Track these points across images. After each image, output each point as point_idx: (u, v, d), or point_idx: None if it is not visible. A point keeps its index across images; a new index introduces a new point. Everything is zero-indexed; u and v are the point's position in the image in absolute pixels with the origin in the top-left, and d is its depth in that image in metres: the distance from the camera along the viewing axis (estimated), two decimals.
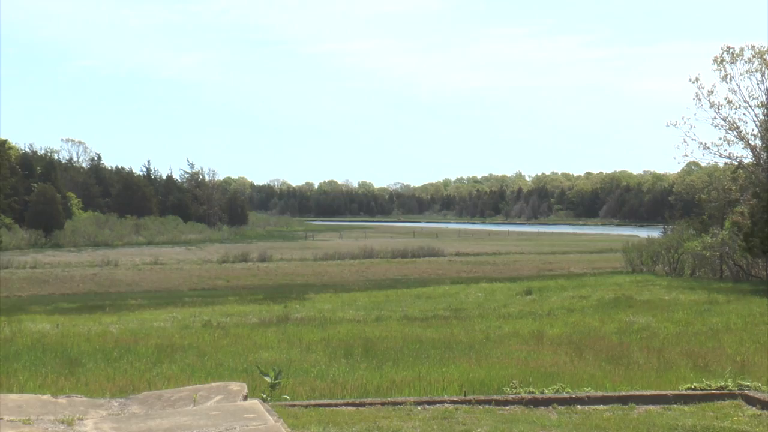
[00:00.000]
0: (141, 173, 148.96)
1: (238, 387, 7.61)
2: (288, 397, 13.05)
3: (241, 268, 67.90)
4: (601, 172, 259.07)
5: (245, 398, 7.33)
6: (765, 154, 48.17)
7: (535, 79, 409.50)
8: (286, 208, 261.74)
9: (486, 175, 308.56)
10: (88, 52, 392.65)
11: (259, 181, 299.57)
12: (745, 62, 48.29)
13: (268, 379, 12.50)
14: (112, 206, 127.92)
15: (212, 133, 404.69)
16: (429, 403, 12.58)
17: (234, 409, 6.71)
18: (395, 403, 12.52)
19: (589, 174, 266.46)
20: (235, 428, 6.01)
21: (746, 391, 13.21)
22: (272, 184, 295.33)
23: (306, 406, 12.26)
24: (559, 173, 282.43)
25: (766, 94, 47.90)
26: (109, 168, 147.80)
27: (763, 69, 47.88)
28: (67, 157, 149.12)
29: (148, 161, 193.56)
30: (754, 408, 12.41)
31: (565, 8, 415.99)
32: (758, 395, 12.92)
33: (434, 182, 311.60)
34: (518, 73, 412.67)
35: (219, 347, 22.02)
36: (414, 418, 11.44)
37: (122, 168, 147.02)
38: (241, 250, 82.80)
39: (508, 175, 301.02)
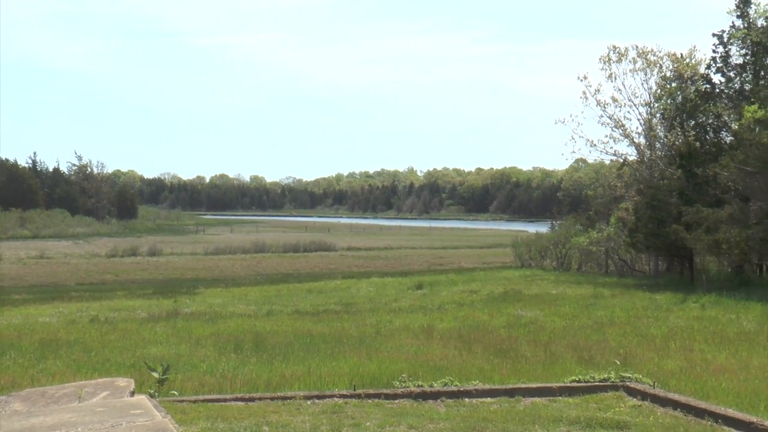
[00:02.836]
0: (26, 165, 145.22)
1: (125, 383, 7.52)
2: (176, 393, 12.92)
3: (130, 262, 66.80)
4: (491, 168, 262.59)
5: (132, 394, 7.24)
6: (648, 152, 49.47)
7: (426, 75, 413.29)
8: (177, 201, 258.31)
9: (378, 170, 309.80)
10: None
11: (149, 174, 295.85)
12: (630, 62, 49.54)
13: (155, 374, 12.37)
14: None
15: (101, 126, 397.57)
16: (319, 397, 12.60)
17: (121, 405, 6.63)
18: (285, 398, 12.51)
19: (479, 170, 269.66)
20: (121, 424, 5.93)
21: (628, 383, 13.59)
22: (163, 178, 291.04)
23: (194, 402, 12.17)
24: (451, 169, 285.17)
25: (649, 93, 49.18)
26: None
27: (646, 69, 49.14)
28: None
29: (34, 153, 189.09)
30: (634, 399, 12.77)
31: (456, 5, 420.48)
32: (639, 386, 13.31)
33: (326, 177, 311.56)
34: (410, 69, 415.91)
35: (106, 342, 21.66)
36: (303, 413, 11.45)
37: (6, 160, 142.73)
38: (130, 244, 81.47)
39: (400, 170, 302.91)
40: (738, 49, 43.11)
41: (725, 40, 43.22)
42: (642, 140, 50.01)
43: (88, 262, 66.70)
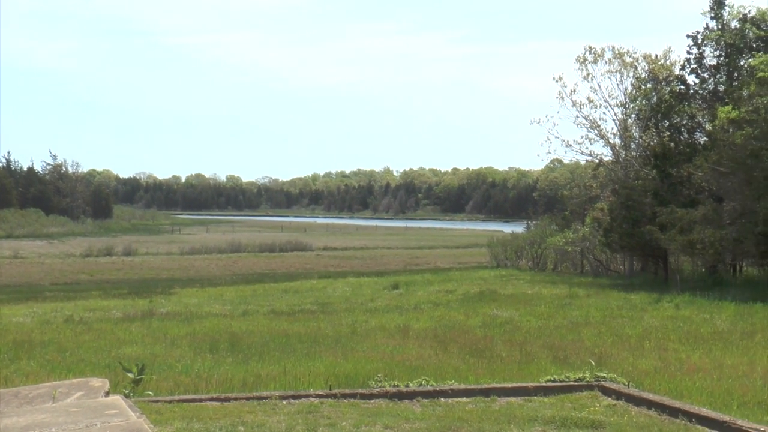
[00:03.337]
0: (0, 164, 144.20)
1: (99, 383, 7.49)
2: (151, 393, 12.88)
3: (105, 262, 66.47)
4: (467, 168, 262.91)
5: (107, 394, 7.21)
6: (623, 152, 49.70)
7: (403, 75, 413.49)
8: (152, 201, 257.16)
9: (354, 169, 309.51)
10: None
11: (125, 174, 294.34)
12: (606, 63, 49.77)
13: (130, 374, 12.34)
14: None
15: (76, 125, 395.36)
16: (294, 397, 12.59)
17: (95, 405, 6.60)
18: (260, 398, 12.49)
19: (455, 170, 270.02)
20: (96, 425, 5.91)
21: (603, 383, 13.66)
22: (138, 177, 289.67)
23: (170, 402, 12.13)
24: (427, 169, 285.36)
25: (624, 94, 49.42)
26: None
27: (622, 70, 49.38)
28: None
29: (8, 152, 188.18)
30: (609, 398, 12.83)
31: (432, 5, 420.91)
32: (614, 386, 13.38)
33: (303, 177, 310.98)
34: (387, 69, 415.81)
35: (81, 343, 21.56)
36: (279, 413, 11.44)
37: None
38: (105, 244, 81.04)
39: (377, 170, 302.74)
40: (712, 50, 43.42)
41: (699, 41, 43.51)
42: (617, 141, 50.26)
43: (63, 261, 66.32)
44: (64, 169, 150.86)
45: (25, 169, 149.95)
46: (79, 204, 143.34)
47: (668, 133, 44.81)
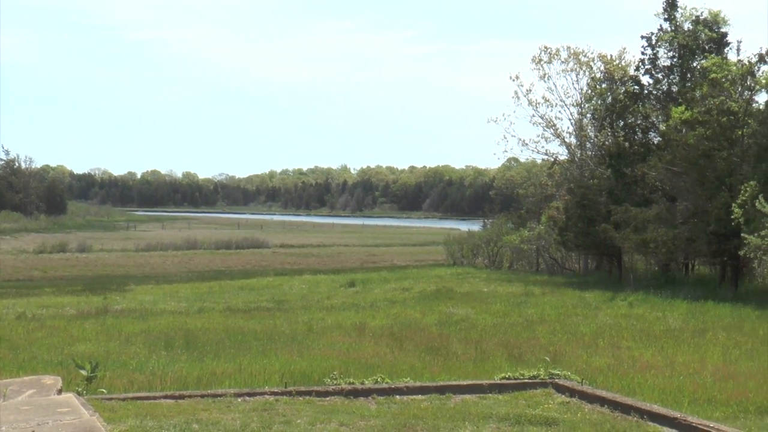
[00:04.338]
0: None
1: (52, 381, 7.44)
2: (105, 391, 12.80)
3: (59, 258, 65.78)
4: (424, 166, 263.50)
5: (60, 392, 7.16)
6: (579, 152, 50.05)
7: (360, 73, 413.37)
8: (108, 197, 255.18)
9: (312, 167, 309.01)
10: None
11: (79, 169, 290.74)
12: (562, 62, 50.05)
13: (83, 372, 12.25)
14: None
15: (30, 120, 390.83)
16: (249, 394, 12.57)
17: (47, 403, 6.55)
18: (215, 395, 12.45)
19: (413, 168, 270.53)
20: (47, 423, 5.87)
21: (557, 380, 13.77)
22: (93, 173, 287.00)
23: (123, 399, 12.06)
24: (384, 167, 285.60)
25: (580, 94, 49.76)
26: None
27: (577, 69, 49.70)
28: None
29: None
30: (563, 396, 12.95)
31: (390, 3, 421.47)
32: (567, 383, 13.50)
33: (260, 174, 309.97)
34: (344, 67, 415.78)
35: (33, 340, 21.35)
36: (234, 410, 11.41)
37: None
38: (59, 240, 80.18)
39: (334, 167, 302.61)
40: (666, 51, 43.84)
41: (653, 42, 43.91)
42: (573, 140, 50.60)
43: (15, 258, 65.56)
44: (17, 164, 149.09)
45: None
46: (32, 200, 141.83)
47: (623, 132, 45.19)
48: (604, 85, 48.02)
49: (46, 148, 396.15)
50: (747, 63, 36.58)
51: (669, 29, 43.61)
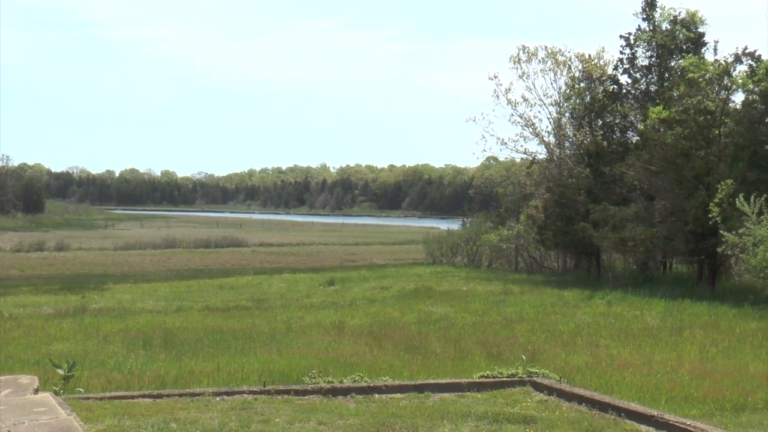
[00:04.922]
0: None
1: (28, 380, 7.41)
2: (82, 390, 12.74)
3: (36, 257, 65.40)
4: (404, 165, 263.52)
5: (36, 392, 7.13)
6: (558, 151, 50.22)
7: (340, 72, 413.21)
8: (86, 196, 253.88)
9: (291, 165, 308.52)
10: None
11: (57, 168, 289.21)
12: (540, 62, 50.21)
13: (60, 371, 12.19)
14: None
15: (7, 118, 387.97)
16: (228, 393, 12.54)
17: (23, 402, 6.52)
18: (193, 394, 12.42)
19: (392, 166, 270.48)
20: (24, 423, 5.84)
21: (535, 378, 13.81)
22: (71, 172, 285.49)
23: (101, 399, 12.00)
24: (363, 165, 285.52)
25: (559, 93, 49.93)
26: None
27: (556, 69, 49.87)
28: None
29: None
30: (541, 394, 12.99)
31: (371, 2, 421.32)
32: (546, 382, 13.54)
33: (239, 172, 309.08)
34: (324, 65, 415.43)
35: (10, 339, 21.24)
36: (212, 409, 11.39)
37: None
38: (36, 239, 79.70)
39: (313, 166, 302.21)
40: (644, 51, 44.07)
41: (632, 42, 44.12)
42: (551, 139, 50.77)
43: None
44: None
45: None
46: (9, 198, 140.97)
47: (601, 132, 45.39)
48: (582, 85, 48.23)
49: (24, 146, 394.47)
50: (724, 63, 36.77)
51: (647, 29, 43.82)
